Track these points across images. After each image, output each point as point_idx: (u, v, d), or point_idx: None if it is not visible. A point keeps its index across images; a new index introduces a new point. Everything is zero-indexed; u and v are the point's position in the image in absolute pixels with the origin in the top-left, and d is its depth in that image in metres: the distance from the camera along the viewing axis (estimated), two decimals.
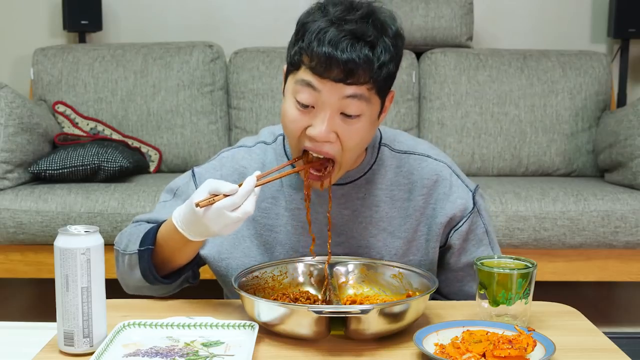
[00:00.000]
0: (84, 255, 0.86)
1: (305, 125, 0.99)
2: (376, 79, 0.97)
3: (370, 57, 0.95)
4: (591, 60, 2.65)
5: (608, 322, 2.30)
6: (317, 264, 1.09)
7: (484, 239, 1.15)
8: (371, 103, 1.00)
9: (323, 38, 0.95)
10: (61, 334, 0.88)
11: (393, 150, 1.13)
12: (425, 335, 0.89)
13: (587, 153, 2.61)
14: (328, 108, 0.97)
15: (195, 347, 0.89)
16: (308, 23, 0.98)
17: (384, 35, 0.97)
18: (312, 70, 0.96)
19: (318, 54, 0.95)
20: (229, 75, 2.66)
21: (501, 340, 0.86)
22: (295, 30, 1.00)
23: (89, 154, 2.24)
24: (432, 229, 1.12)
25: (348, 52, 0.94)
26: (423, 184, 1.12)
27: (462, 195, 1.12)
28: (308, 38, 0.96)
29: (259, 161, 1.14)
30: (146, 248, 1.05)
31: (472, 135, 2.59)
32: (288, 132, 1.03)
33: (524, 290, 0.96)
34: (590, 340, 0.96)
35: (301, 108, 0.99)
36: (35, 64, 2.64)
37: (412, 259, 1.13)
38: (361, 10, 0.98)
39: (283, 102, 1.03)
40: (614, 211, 2.13)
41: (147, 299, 1.10)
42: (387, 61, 0.97)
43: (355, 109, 0.98)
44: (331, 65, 0.94)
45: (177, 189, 1.17)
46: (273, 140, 1.16)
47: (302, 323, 0.91)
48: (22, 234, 2.12)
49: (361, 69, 0.95)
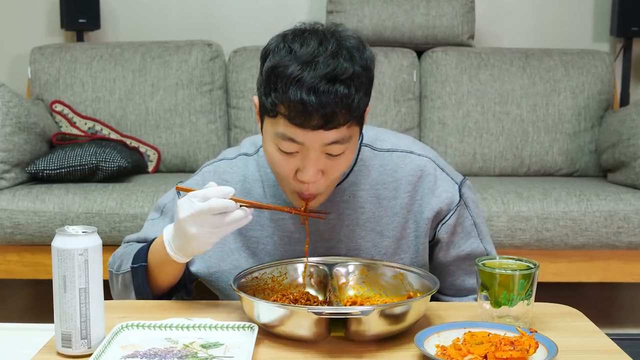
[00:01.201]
0: (81, 256, 0.86)
1: (294, 169, 1.00)
2: (354, 116, 0.97)
3: (347, 96, 0.94)
4: (594, 59, 2.64)
5: (611, 323, 2.30)
6: (317, 265, 1.08)
7: (472, 231, 1.15)
8: (352, 136, 1.00)
9: (298, 86, 0.93)
10: (59, 336, 0.88)
11: (375, 149, 1.13)
12: (426, 337, 0.89)
13: (589, 153, 2.60)
14: (312, 153, 0.98)
15: (194, 348, 0.89)
16: (278, 68, 0.95)
17: (355, 66, 0.96)
18: (290, 120, 0.95)
19: (295, 104, 0.93)
20: (229, 74, 2.66)
21: (503, 342, 0.86)
22: (264, 73, 0.98)
23: (86, 153, 2.24)
24: (419, 225, 1.12)
25: (325, 96, 0.92)
26: (408, 180, 1.12)
27: (447, 189, 1.12)
28: (282, 87, 0.94)
29: (241, 174, 1.14)
30: (139, 265, 1.06)
31: (473, 134, 2.58)
32: (278, 174, 1.03)
33: (526, 292, 0.95)
34: (592, 342, 0.95)
35: (285, 154, 0.99)
36: (33, 62, 2.63)
37: (403, 257, 1.13)
38: (330, 46, 0.95)
39: (263, 142, 1.03)
40: (617, 211, 2.12)
41: (145, 301, 1.10)
42: (362, 96, 0.97)
43: (339, 149, 0.99)
44: (310, 115, 0.93)
45: (163, 207, 1.18)
46: (255, 151, 1.16)
47: (302, 324, 0.91)
48: (19, 234, 2.11)
49: (339, 111, 0.94)
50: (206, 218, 0.95)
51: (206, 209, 0.94)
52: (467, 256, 1.15)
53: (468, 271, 1.16)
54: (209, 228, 0.96)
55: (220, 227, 0.96)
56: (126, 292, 1.10)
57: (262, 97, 0.99)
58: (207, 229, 0.96)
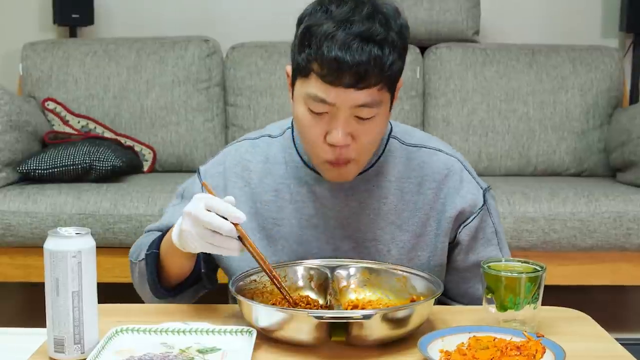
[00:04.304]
0: (74, 258, 0.86)
1: (323, 132, 1.01)
2: (386, 78, 0.99)
3: (380, 57, 0.97)
4: (602, 55, 2.63)
5: (620, 327, 2.27)
6: (317, 267, 1.07)
7: (493, 239, 1.15)
8: (383, 103, 1.01)
9: (332, 43, 0.96)
10: (51, 340, 0.88)
11: (403, 143, 1.15)
12: (430, 342, 0.88)
13: (598, 152, 2.59)
14: (342, 114, 0.99)
15: (190, 353, 0.88)
16: (312, 27, 0.98)
17: (390, 32, 0.98)
18: (322, 78, 0.97)
19: (328, 60, 0.96)
20: (226, 71, 2.65)
21: (509, 347, 0.86)
22: (298, 34, 1.01)
23: (80, 152, 2.23)
24: (441, 224, 1.12)
25: (359, 54, 0.95)
26: (433, 177, 1.13)
27: (472, 191, 1.13)
28: (316, 44, 0.97)
29: (263, 154, 1.15)
30: (151, 252, 1.07)
31: (478, 133, 2.57)
32: (307, 139, 1.04)
33: (533, 295, 0.95)
34: (601, 347, 0.95)
35: (315, 115, 1.01)
36: (24, 59, 2.62)
37: (420, 254, 1.13)
38: (366, 8, 0.98)
39: (294, 107, 1.05)
40: (627, 212, 2.12)
41: (140, 304, 1.10)
42: (396, 59, 0.99)
43: (368, 112, 1.00)
44: (342, 71, 0.96)
45: (183, 191, 1.19)
46: (280, 133, 1.17)
47: (302, 329, 0.90)
48: (10, 236, 2.10)
49: (372, 70, 0.96)
50: (200, 226, 0.94)
51: (202, 220, 0.93)
52: None
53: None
54: (198, 237, 0.95)
55: (208, 242, 0.95)
56: (142, 281, 1.10)
57: (295, 57, 1.02)
58: (196, 236, 0.95)
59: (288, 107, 2.57)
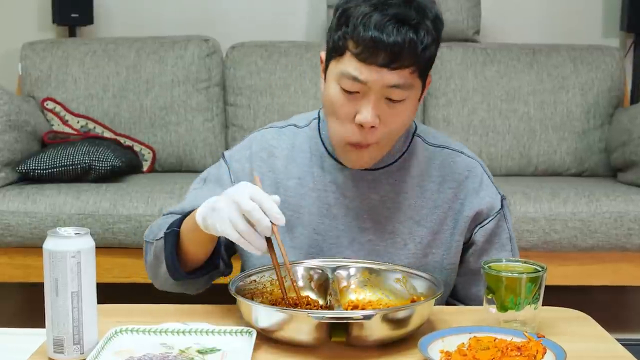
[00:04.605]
0: (74, 258, 0.86)
1: (352, 112, 1.03)
2: (419, 62, 1.01)
3: (415, 40, 0.99)
4: (603, 54, 2.63)
5: (621, 328, 2.27)
6: (317, 267, 1.07)
7: (507, 245, 1.17)
8: (414, 87, 1.03)
9: (368, 22, 0.98)
10: (50, 341, 0.88)
11: (427, 142, 1.17)
12: (430, 342, 0.88)
13: (599, 152, 2.58)
14: (373, 94, 1.01)
15: (190, 354, 0.88)
16: (350, 9, 1.01)
17: (426, 19, 1.01)
18: (357, 56, 1.00)
19: (364, 38, 0.98)
20: (226, 70, 2.65)
21: (509, 347, 0.86)
22: (335, 16, 1.04)
23: (79, 152, 2.22)
24: (458, 223, 1.14)
25: (394, 35, 0.98)
26: (454, 178, 1.15)
27: (491, 194, 1.15)
28: (352, 23, 1.00)
29: (289, 142, 1.17)
30: (171, 230, 1.06)
31: (479, 133, 2.57)
32: (335, 118, 1.05)
33: (534, 295, 0.95)
34: (602, 347, 0.95)
35: (347, 94, 1.03)
36: (24, 58, 2.62)
37: (435, 252, 1.14)
38: None
39: (325, 87, 1.07)
40: (627, 212, 2.11)
41: (140, 304, 1.08)
42: (429, 44, 1.01)
43: (399, 95, 1.02)
44: (377, 50, 0.98)
45: (207, 175, 1.20)
46: (306, 124, 1.19)
47: (302, 329, 0.90)
48: (9, 236, 2.10)
49: (406, 52, 0.99)
50: (236, 211, 0.93)
51: (242, 206, 0.92)
52: None
53: None
54: (228, 220, 0.93)
55: (237, 229, 0.93)
56: (157, 262, 1.09)
57: (331, 37, 1.04)
58: (227, 220, 0.93)
59: (288, 107, 2.58)
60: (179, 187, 2.16)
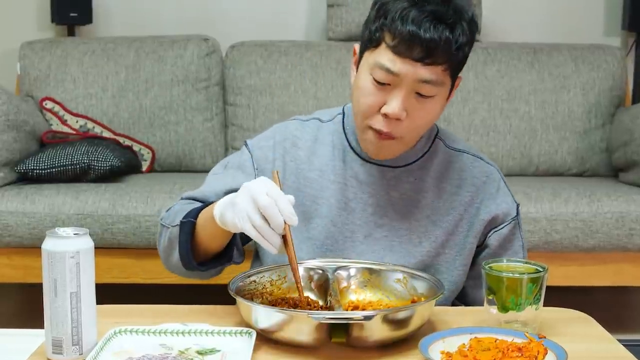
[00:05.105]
0: (73, 258, 0.86)
1: (380, 102, 1.05)
2: (452, 60, 1.03)
3: (450, 39, 1.01)
4: (605, 54, 2.62)
5: (622, 329, 2.28)
6: (317, 268, 1.07)
7: (520, 252, 1.19)
8: (444, 85, 1.06)
9: (406, 17, 1.01)
10: (49, 342, 0.88)
11: (447, 146, 1.19)
12: (430, 343, 0.88)
13: (600, 152, 2.58)
14: (404, 87, 1.03)
15: (189, 355, 0.89)
16: (389, 2, 1.04)
17: (462, 20, 1.04)
18: (392, 49, 1.02)
19: (401, 32, 1.01)
20: (225, 70, 2.64)
21: (510, 348, 0.86)
22: (373, 10, 1.07)
23: (78, 152, 2.22)
24: (473, 226, 1.17)
25: (430, 31, 1.00)
26: (472, 182, 1.18)
27: (507, 201, 1.18)
28: (391, 16, 1.02)
29: (312, 134, 1.19)
30: (188, 220, 1.07)
31: (480, 132, 2.56)
32: (362, 106, 1.07)
33: (535, 296, 0.95)
34: (604, 348, 0.95)
35: (378, 85, 1.05)
36: (22, 58, 2.61)
37: (447, 252, 1.16)
38: None
39: (356, 77, 1.09)
40: (629, 212, 2.10)
41: (139, 305, 1.09)
42: (463, 44, 1.03)
43: (429, 90, 1.04)
44: (413, 44, 1.00)
45: (228, 162, 1.21)
46: (330, 119, 1.21)
47: (302, 330, 0.90)
48: (8, 236, 2.09)
49: (441, 49, 1.01)
50: (252, 205, 0.93)
51: (258, 200, 0.92)
52: None
53: None
54: (246, 215, 0.93)
55: (255, 224, 0.93)
56: (170, 247, 1.10)
57: (367, 28, 1.06)
58: (245, 214, 0.93)
59: (288, 107, 2.57)
60: (178, 187, 2.15)
